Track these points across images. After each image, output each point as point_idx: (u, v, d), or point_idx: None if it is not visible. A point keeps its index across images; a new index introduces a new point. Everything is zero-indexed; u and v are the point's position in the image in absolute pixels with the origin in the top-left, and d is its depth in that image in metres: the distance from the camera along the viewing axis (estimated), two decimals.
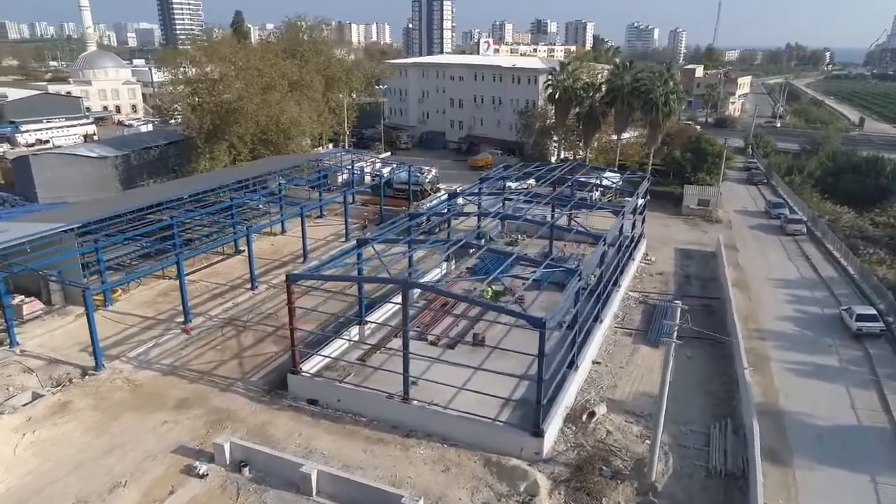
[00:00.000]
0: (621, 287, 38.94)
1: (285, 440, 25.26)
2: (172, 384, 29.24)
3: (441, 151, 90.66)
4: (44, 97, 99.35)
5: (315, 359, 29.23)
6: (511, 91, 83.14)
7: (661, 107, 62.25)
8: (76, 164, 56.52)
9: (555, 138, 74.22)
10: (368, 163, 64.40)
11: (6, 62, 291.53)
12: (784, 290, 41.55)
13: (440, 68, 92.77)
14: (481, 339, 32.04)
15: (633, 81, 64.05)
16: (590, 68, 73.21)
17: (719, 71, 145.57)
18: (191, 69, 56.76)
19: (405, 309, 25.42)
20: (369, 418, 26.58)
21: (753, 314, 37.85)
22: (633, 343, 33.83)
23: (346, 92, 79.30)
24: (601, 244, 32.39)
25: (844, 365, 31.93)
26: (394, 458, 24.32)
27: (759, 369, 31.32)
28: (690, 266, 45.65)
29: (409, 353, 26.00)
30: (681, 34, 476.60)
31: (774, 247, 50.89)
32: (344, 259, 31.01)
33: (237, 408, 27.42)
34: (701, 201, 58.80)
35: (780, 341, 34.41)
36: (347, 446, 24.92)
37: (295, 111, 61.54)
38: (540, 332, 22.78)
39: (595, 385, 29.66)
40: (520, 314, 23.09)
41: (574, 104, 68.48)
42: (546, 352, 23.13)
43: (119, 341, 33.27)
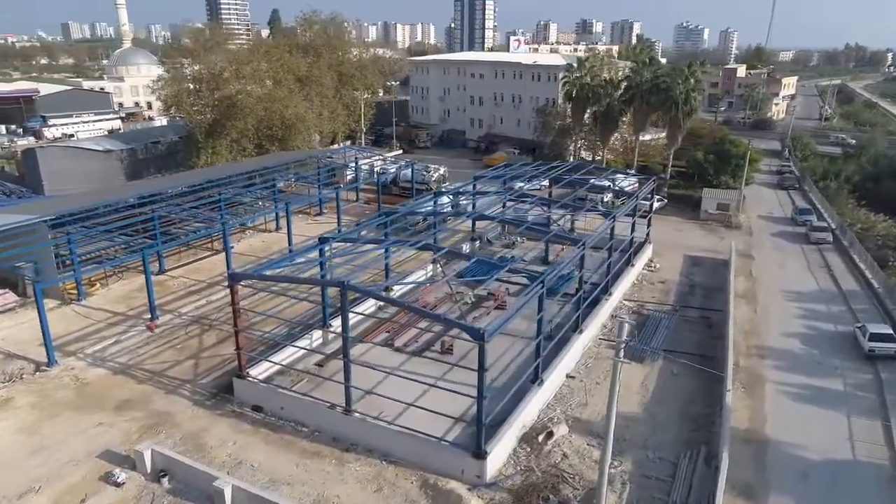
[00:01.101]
0: (613, 295, 36.29)
1: (217, 449, 23.81)
2: (120, 384, 28.19)
3: (460, 150, 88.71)
4: (74, 93, 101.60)
5: (266, 363, 27.73)
6: (531, 89, 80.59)
7: (682, 105, 58.84)
8: (81, 158, 56.83)
9: (574, 138, 71.23)
10: (378, 161, 63.03)
11: (62, 60, 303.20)
12: (796, 304, 38.13)
13: (461, 66, 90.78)
14: (448, 347, 30.07)
15: (654, 78, 60.77)
16: (611, 65, 70.00)
17: (762, 71, 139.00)
18: (192, 65, 56.28)
19: (344, 313, 23.64)
20: (311, 429, 24.95)
21: (756, 329, 34.71)
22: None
23: (362, 89, 78.10)
24: (579, 248, 29.94)
25: (850, 390, 28.68)
26: (326, 473, 22.59)
27: (750, 391, 28.43)
28: (697, 274, 42.54)
29: (351, 360, 24.20)
30: (732, 34, 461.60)
31: (795, 256, 47.17)
32: (305, 256, 29.42)
33: (178, 411, 26.13)
34: (720, 205, 55.23)
35: (780, 360, 31.28)
36: (281, 458, 23.31)
37: (301, 107, 60.57)
38: (479, 344, 20.66)
39: (564, 402, 27.31)
40: (458, 324, 21.04)
41: (591, 102, 65.57)
42: (509, 364, 21.01)
43: (82, 337, 32.53)
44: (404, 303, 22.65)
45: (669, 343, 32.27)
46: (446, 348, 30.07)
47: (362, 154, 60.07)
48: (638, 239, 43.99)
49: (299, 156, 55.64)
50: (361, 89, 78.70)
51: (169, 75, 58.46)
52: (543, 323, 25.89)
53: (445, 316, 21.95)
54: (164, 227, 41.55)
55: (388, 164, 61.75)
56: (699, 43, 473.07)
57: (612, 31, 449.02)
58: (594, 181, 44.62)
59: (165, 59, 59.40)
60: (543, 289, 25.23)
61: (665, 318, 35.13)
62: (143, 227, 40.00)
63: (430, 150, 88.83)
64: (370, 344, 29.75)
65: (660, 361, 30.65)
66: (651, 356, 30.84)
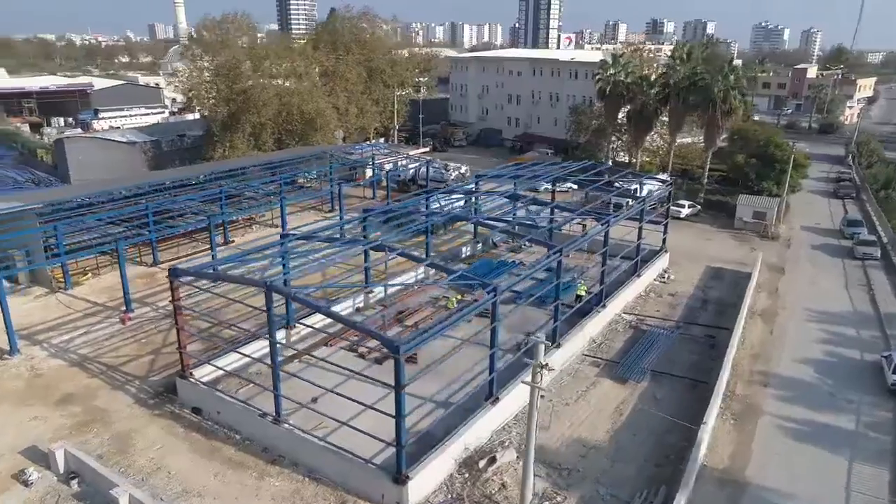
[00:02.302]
0: (608, 307, 33.28)
1: (141, 452, 22.70)
2: (71, 376, 27.62)
3: (496, 150, 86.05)
4: (126, 87, 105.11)
5: (221, 362, 26.45)
6: (568, 86, 77.23)
7: (720, 104, 54.50)
8: (107, 149, 57.92)
9: (608, 138, 67.52)
10: (401, 159, 61.55)
11: (142, 59, 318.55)
12: (820, 325, 33.98)
13: (499, 63, 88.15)
14: (410, 356, 28.05)
15: (691, 75, 56.62)
16: (650, 61, 65.95)
17: (834, 71, 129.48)
18: (209, 58, 56.24)
19: (270, 314, 22.03)
20: (243, 437, 23.54)
21: (766, 352, 30.98)
22: (598, 375, 28.38)
23: (394, 85, 76.80)
24: (553, 253, 27.31)
25: (861, 429, 24.83)
26: (242, 487, 21.06)
27: (740, 424, 25.06)
28: (715, 288, 38.77)
29: (279, 367, 22.57)
30: (815, 35, 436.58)
31: (832, 272, 42.46)
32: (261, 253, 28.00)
33: (116, 409, 25.24)
34: (757, 214, 50.68)
35: (785, 390, 27.60)
36: (202, 467, 21.96)
37: (322, 102, 59.78)
38: (395, 359, 18.57)
39: (522, 423, 24.73)
40: (375, 334, 19.00)
41: (625, 101, 61.85)
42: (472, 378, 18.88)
43: (55, 326, 32.36)
44: (322, 306, 20.77)
45: (661, 363, 29.12)
46: (409, 357, 28.15)
47: (380, 151, 58.61)
48: (652, 247, 40.87)
49: (312, 151, 54.72)
50: (394, 86, 77.42)
51: (188, 69, 58.81)
52: (497, 334, 23.52)
53: (362, 325, 19.95)
54: (162, 219, 41.24)
55: (409, 162, 60.05)
56: (778, 43, 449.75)
57: (683, 30, 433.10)
58: (604, 184, 41.29)
59: (184, 53, 59.50)
60: (497, 296, 22.85)
61: (664, 335, 31.89)
62: (136, 218, 39.87)
63: (466, 149, 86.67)
64: (338, 348, 28.29)
65: (645, 383, 27.62)
66: (636, 376, 27.85)
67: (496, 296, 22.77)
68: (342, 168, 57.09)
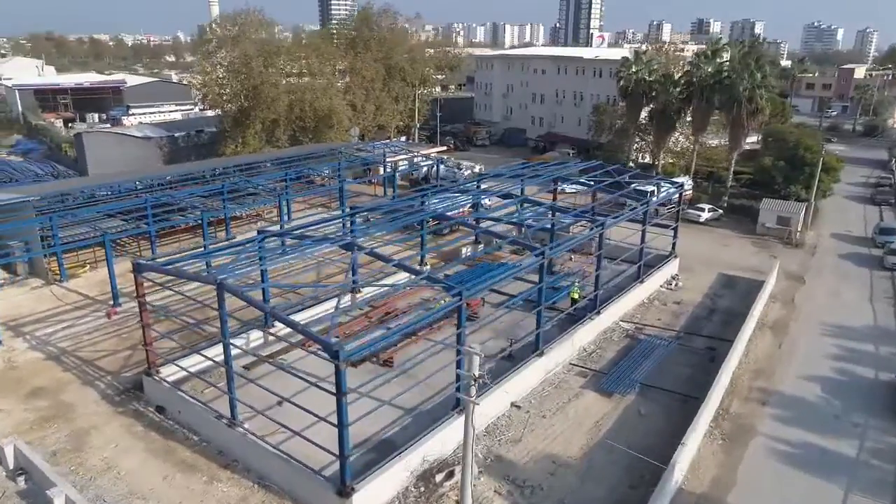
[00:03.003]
0: (603, 314, 31.56)
1: (96, 450, 22.22)
2: (46, 369, 27.44)
3: (519, 149, 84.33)
4: (157, 84, 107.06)
5: (187, 361, 25.83)
6: (592, 85, 75.09)
7: (745, 103, 51.84)
8: (123, 144, 58.60)
9: (630, 139, 65.17)
10: (415, 157, 60.64)
11: (187, 58, 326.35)
12: (835, 340, 31.57)
13: (524, 61, 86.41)
14: (386, 359, 27.05)
15: (716, 73, 54.07)
16: (675, 60, 63.40)
17: (884, 72, 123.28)
18: (221, 54, 56.25)
19: (222, 313, 21.23)
20: (201, 438, 22.85)
21: (771, 367, 28.85)
22: (582, 387, 26.80)
23: (417, 83, 75.87)
24: (534, 256, 25.85)
25: (864, 456, 22.67)
26: (188, 491, 20.32)
27: (729, 445, 23.19)
28: (725, 297, 36.59)
29: (233, 369, 21.77)
30: (871, 35, 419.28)
31: (857, 283, 39.68)
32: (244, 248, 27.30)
33: (82, 405, 24.87)
34: (781, 219, 47.94)
35: (785, 409, 25.53)
36: (153, 468, 21.31)
37: (336, 99, 59.24)
38: (335, 364, 17.50)
39: (494, 435, 23.45)
40: (315, 338, 17.93)
41: (647, 100, 59.56)
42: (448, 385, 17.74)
43: (42, 318, 32.35)
44: (263, 306, 19.80)
45: (653, 376, 27.36)
46: (384, 361, 27.13)
47: (392, 149, 57.75)
48: (662, 252, 38.93)
49: (320, 148, 54.20)
50: (416, 84, 76.52)
51: (201, 64, 59.06)
52: (464, 339, 22.17)
53: (304, 328, 18.92)
54: (163, 213, 41.15)
55: (422, 160, 59.07)
56: (831, 44, 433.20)
57: (731, 30, 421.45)
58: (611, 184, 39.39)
59: (197, 49, 59.77)
60: (462, 300, 21.57)
61: (661, 345, 30.05)
62: (135, 212, 39.93)
63: (488, 149, 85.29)
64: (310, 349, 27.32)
65: (632, 397, 25.93)
66: (623, 389, 26.17)
67: (461, 299, 21.47)
68: (356, 166, 56.53)
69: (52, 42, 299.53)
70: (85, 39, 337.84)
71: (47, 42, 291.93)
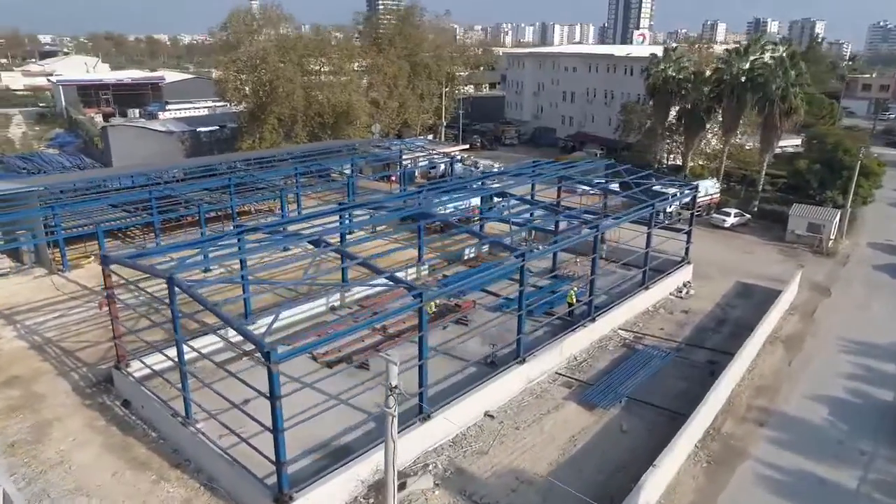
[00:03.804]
0: (599, 321, 29.85)
1: (54, 442, 21.96)
2: (26, 358, 27.49)
3: (548, 149, 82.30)
4: (195, 81, 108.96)
5: (152, 358, 25.32)
6: (623, 84, 72.62)
7: (778, 103, 48.93)
8: (146, 137, 59.49)
9: (658, 139, 62.59)
10: (431, 155, 59.73)
11: None
12: (854, 358, 29.06)
13: (555, 59, 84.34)
14: (362, 362, 26.15)
15: (748, 70, 51.22)
16: (708, 56, 60.50)
17: None
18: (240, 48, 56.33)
19: (173, 308, 20.62)
20: (159, 435, 22.36)
21: (776, 385, 26.66)
22: (565, 398, 25.25)
23: (441, 81, 74.87)
24: (516, 259, 24.44)
25: (866, 488, 20.48)
26: (134, 489, 19.79)
27: (714, 469, 21.33)
28: (738, 307, 34.30)
29: (186, 366, 21.15)
30: None
31: (890, 297, 36.69)
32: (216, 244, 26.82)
33: (52, 395, 24.73)
34: (812, 226, 44.97)
35: (785, 431, 23.42)
36: (105, 464, 20.90)
37: (355, 95, 58.76)
38: (267, 367, 16.58)
39: (461, 445, 22.19)
40: (251, 337, 17.01)
41: (676, 99, 57.00)
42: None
43: (37, 307, 32.56)
44: (206, 302, 18.98)
45: (643, 390, 25.60)
46: (360, 363, 26.22)
47: (407, 146, 56.94)
48: (672, 257, 36.90)
49: (332, 145, 53.75)
50: (441, 81, 75.52)
51: (218, 59, 59.40)
52: (425, 343, 21.02)
53: (240, 325, 18.03)
54: (168, 206, 41.27)
55: (438, 158, 58.11)
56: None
57: (789, 30, 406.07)
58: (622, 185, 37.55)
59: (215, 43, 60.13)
60: (422, 301, 20.40)
61: (658, 357, 28.19)
62: (140, 203, 40.22)
63: (517, 148, 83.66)
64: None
65: (616, 411, 24.26)
66: (607, 403, 24.52)
67: (422, 301, 20.30)
68: (372, 163, 55.96)
69: (112, 41, 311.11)
70: (143, 39, 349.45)
71: (107, 41, 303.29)
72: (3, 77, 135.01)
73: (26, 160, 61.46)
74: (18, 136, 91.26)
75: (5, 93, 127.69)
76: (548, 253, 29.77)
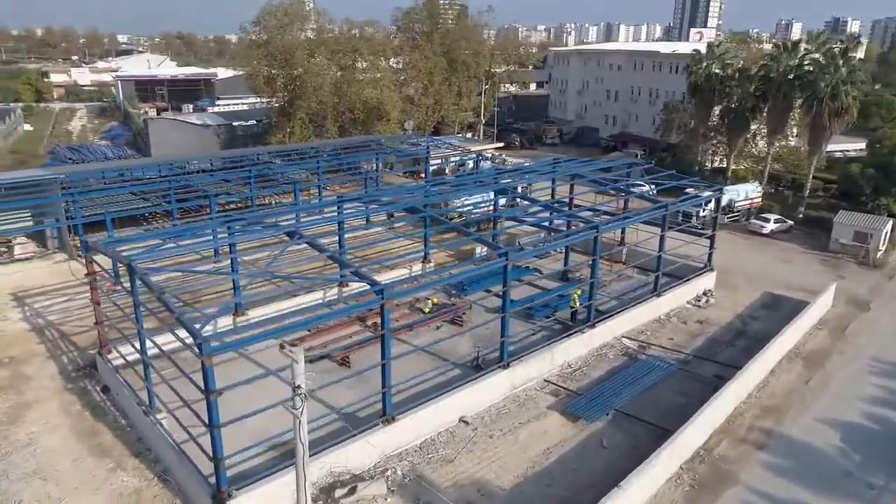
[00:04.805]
0: (599, 327, 28.17)
1: (26, 424, 22.27)
2: (25, 340, 28.22)
3: (590, 149, 79.98)
4: (244, 77, 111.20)
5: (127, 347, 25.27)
6: (668, 82, 69.60)
7: (828, 101, 45.51)
8: (183, 130, 60.94)
9: (700, 140, 59.50)
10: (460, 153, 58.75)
11: None
12: (882, 381, 26.34)
13: (600, 56, 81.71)
14: (343, 359, 25.49)
15: (796, 67, 47.93)
16: (757, 53, 57.04)
17: None
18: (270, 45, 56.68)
19: (135, 298, 20.42)
20: (128, 423, 22.32)
21: (787, 405, 24.39)
22: (550, 407, 23.82)
23: (479, 78, 73.65)
24: (499, 256, 23.18)
25: None
26: (90, 477, 19.73)
27: (698, 494, 19.52)
28: (761, 319, 31.84)
29: (147, 355, 20.94)
30: None
31: None
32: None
33: (37, 377, 25.20)
34: (858, 235, 41.54)
35: (786, 457, 21.28)
36: (69, 449, 20.99)
37: (387, 91, 58.38)
38: (201, 361, 16.05)
39: (428, 451, 21.15)
40: (188, 327, 16.49)
41: (718, 97, 53.98)
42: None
43: (48, 291, 33.30)
44: (156, 287, 18.64)
45: (636, 403, 23.88)
46: (342, 360, 25.56)
47: (434, 143, 56.08)
48: (693, 262, 34.72)
49: (360, 140, 53.44)
50: (481, 78, 74.33)
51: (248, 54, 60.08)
52: (387, 343, 20.09)
53: (179, 315, 17.54)
54: (188, 196, 41.79)
55: (464, 156, 57.08)
56: None
57: (871, 29, 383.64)
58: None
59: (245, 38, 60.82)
60: (384, 299, 19.49)
61: (659, 368, 26.32)
62: (161, 193, 40.89)
63: (557, 148, 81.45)
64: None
65: (600, 424, 22.68)
66: (593, 415, 22.95)
67: (383, 298, 19.39)
68: (399, 158, 55.52)
69: (183, 41, 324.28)
70: (211, 38, 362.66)
71: (178, 41, 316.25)
72: (73, 73, 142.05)
73: (74, 151, 63.99)
74: (78, 128, 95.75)
75: (74, 88, 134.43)
76: (532, 255, 28.34)
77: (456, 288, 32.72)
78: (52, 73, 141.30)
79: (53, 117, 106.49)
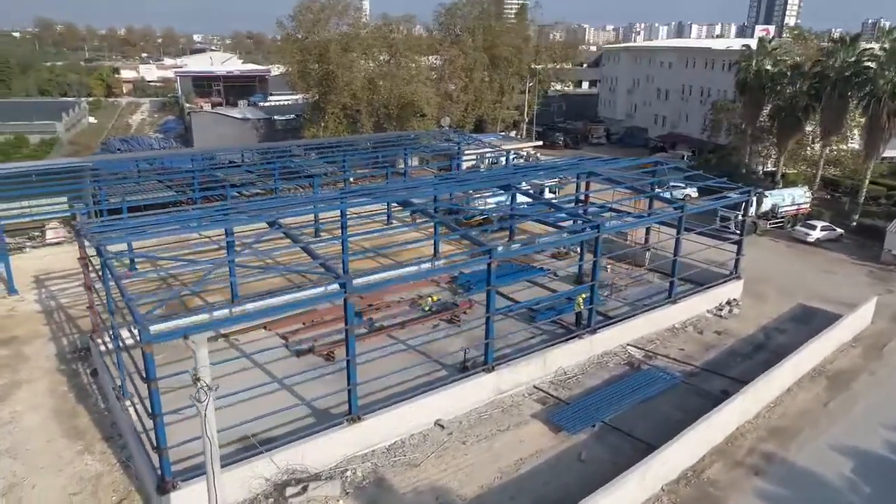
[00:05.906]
0: (599, 333, 26.59)
1: (13, 404, 22.79)
2: (32, 321, 29.05)
3: (637, 150, 77.02)
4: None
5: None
6: (720, 81, 66.06)
7: (887, 100, 41.89)
8: (223, 123, 62.30)
9: (748, 141, 56.11)
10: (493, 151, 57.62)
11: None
12: None
13: (651, 53, 78.55)
14: (328, 353, 24.99)
15: (853, 63, 44.39)
16: (814, 48, 53.27)
17: None
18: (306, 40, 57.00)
19: (106, 286, 20.44)
20: (107, 406, 22.53)
21: (798, 427, 22.24)
22: (534, 415, 22.55)
23: (522, 75, 72.11)
24: (482, 253, 22.10)
25: None
26: (57, 459, 19.97)
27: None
28: (789, 333, 29.39)
29: (124, 347, 20.91)
30: None
31: None
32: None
33: (35, 358, 25.84)
34: None
35: (784, 486, 19.28)
36: (45, 430, 21.33)
37: (422, 88, 57.85)
38: (141, 348, 15.76)
39: (395, 454, 20.32)
40: (136, 316, 16.23)
41: (769, 95, 50.71)
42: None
43: (67, 274, 33.76)
44: (117, 274, 18.50)
45: (627, 416, 22.31)
46: (326, 354, 25.05)
47: (466, 140, 55.15)
48: (720, 270, 32.57)
49: (393, 136, 53.10)
50: (525, 76, 72.81)
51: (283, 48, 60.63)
52: (352, 339, 19.37)
53: (127, 300, 17.31)
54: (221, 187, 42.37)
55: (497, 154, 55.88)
56: None
57: None
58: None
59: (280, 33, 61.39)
60: (346, 293, 18.78)
61: (661, 381, 24.57)
62: (184, 184, 41.73)
63: (603, 148, 78.95)
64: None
65: (583, 436, 21.27)
66: (575, 426, 21.55)
67: (345, 292, 18.69)
68: (436, 154, 54.93)
69: (252, 39, 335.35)
70: (278, 38, 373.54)
71: (248, 40, 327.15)
72: (141, 70, 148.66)
73: (124, 142, 66.50)
74: (137, 122, 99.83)
75: (141, 83, 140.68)
76: (518, 253, 27.04)
77: (462, 287, 31.87)
78: (122, 70, 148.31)
79: (118, 111, 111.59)
